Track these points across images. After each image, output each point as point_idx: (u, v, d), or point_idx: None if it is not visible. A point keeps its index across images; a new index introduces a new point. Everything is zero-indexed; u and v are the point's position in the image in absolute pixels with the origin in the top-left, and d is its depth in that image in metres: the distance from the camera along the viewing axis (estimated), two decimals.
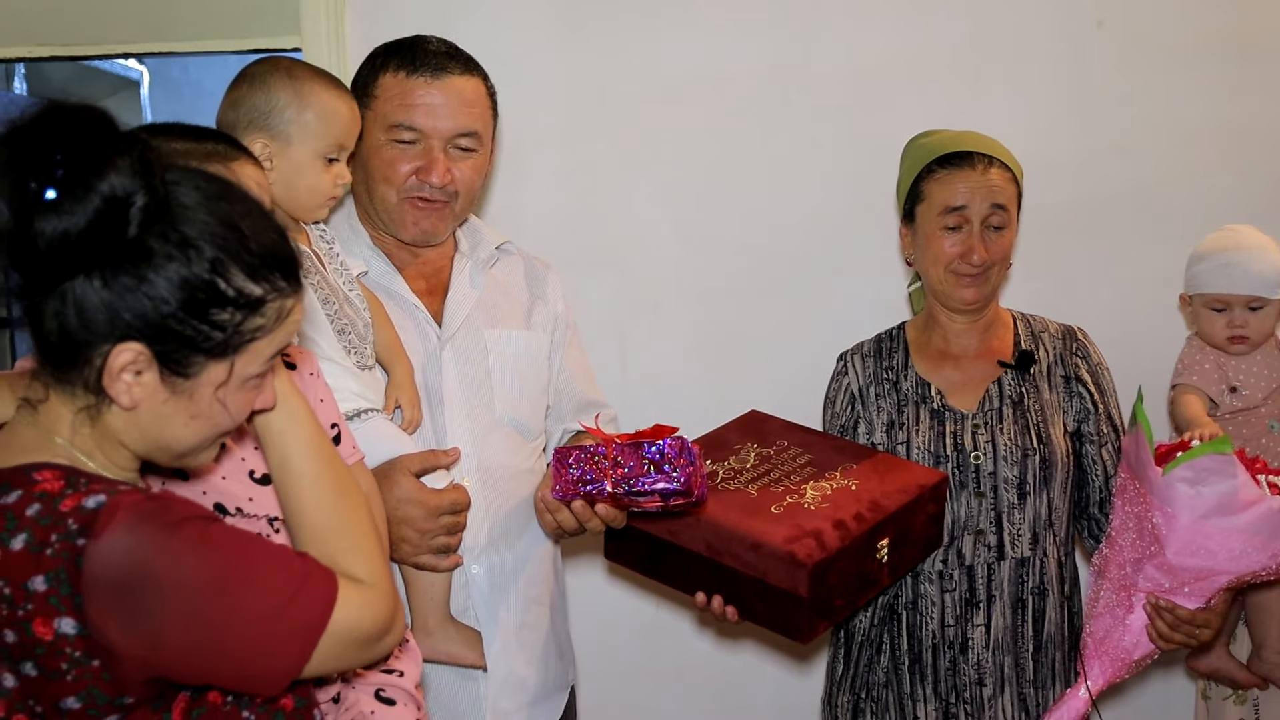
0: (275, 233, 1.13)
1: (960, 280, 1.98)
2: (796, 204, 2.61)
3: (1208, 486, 1.68)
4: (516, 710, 1.84)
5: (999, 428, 1.97)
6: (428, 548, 1.68)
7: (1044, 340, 2.06)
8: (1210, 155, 2.54)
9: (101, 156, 1.02)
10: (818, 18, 2.55)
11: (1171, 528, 1.72)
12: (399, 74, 1.77)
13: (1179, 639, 1.81)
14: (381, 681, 1.41)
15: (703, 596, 1.78)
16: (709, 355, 2.66)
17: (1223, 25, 2.51)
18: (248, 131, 1.60)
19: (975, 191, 1.94)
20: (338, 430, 1.51)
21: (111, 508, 1.04)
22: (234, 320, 1.09)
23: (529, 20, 2.57)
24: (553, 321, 1.97)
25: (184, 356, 1.08)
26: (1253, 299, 2.13)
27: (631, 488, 1.64)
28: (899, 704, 1.98)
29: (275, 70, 1.63)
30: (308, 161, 1.62)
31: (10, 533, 1.04)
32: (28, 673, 1.05)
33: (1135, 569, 1.80)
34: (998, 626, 1.95)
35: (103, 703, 1.06)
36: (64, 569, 1.02)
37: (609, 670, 2.66)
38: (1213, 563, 1.73)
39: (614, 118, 2.60)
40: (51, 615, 1.03)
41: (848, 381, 2.09)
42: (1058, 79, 2.54)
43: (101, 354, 1.06)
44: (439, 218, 1.81)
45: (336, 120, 1.64)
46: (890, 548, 1.80)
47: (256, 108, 1.61)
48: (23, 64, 3.83)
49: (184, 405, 1.11)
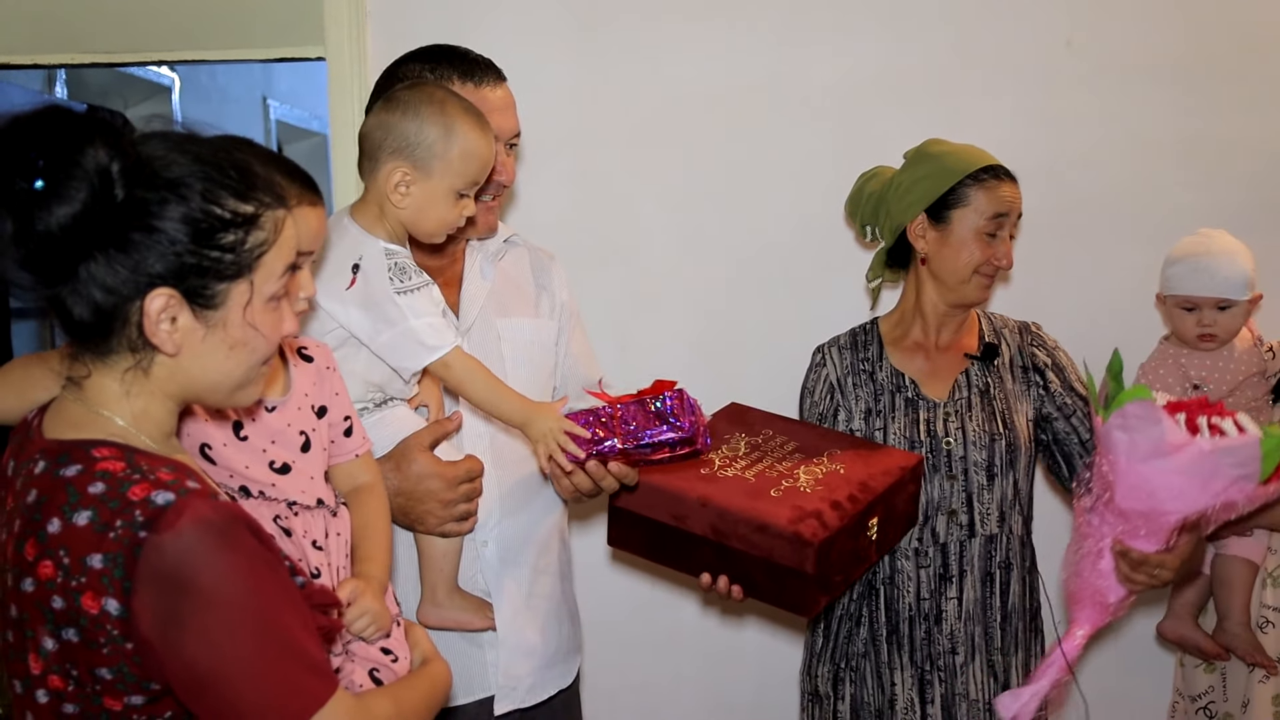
0: (244, 158, 1.15)
1: (984, 281, 2.05)
2: (788, 208, 2.65)
3: (1138, 432, 1.69)
4: (528, 674, 1.86)
5: (968, 415, 2.04)
6: (450, 516, 1.70)
7: (1005, 335, 2.13)
8: (1173, 167, 2.57)
9: (72, 139, 1.04)
10: (810, 35, 2.60)
11: (1116, 473, 1.74)
12: (466, 84, 1.78)
13: (1141, 579, 1.82)
14: (377, 661, 1.40)
15: (708, 577, 1.80)
16: (704, 349, 2.69)
17: (1184, 46, 2.54)
18: (392, 157, 1.61)
19: (1013, 203, 2.04)
20: (350, 422, 1.52)
21: (179, 509, 1.05)
22: (239, 239, 1.11)
23: (541, 31, 2.61)
24: (558, 309, 2.00)
25: (207, 287, 1.10)
26: (1220, 300, 2.17)
27: (640, 441, 1.66)
28: (877, 673, 2.04)
29: (430, 101, 1.61)
30: (443, 195, 1.62)
31: (74, 507, 1.06)
32: (69, 638, 1.07)
33: (1099, 517, 1.82)
34: (969, 599, 2.01)
35: (131, 681, 1.08)
36: (122, 554, 1.04)
37: (607, 641, 2.68)
38: (1156, 504, 1.73)
39: (619, 126, 2.64)
40: (101, 594, 1.04)
41: (826, 372, 2.14)
42: (1030, 95, 2.57)
43: (136, 310, 1.08)
44: (495, 214, 1.88)
45: (478, 160, 1.63)
46: (879, 526, 1.85)
47: (406, 136, 1.59)
48: (63, 70, 3.87)
49: (221, 337, 1.13)
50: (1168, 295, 2.25)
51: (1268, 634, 2.12)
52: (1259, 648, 2.10)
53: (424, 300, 1.63)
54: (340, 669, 1.38)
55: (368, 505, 1.52)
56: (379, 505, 1.53)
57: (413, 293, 1.61)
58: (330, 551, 1.42)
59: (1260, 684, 2.11)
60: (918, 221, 2.06)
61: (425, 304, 1.62)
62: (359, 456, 1.54)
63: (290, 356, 1.46)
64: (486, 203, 1.84)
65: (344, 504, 1.50)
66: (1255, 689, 2.11)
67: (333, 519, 1.45)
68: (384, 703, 1.26)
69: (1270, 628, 2.12)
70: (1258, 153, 2.53)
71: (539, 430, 1.64)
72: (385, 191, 1.63)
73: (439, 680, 1.41)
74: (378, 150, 1.62)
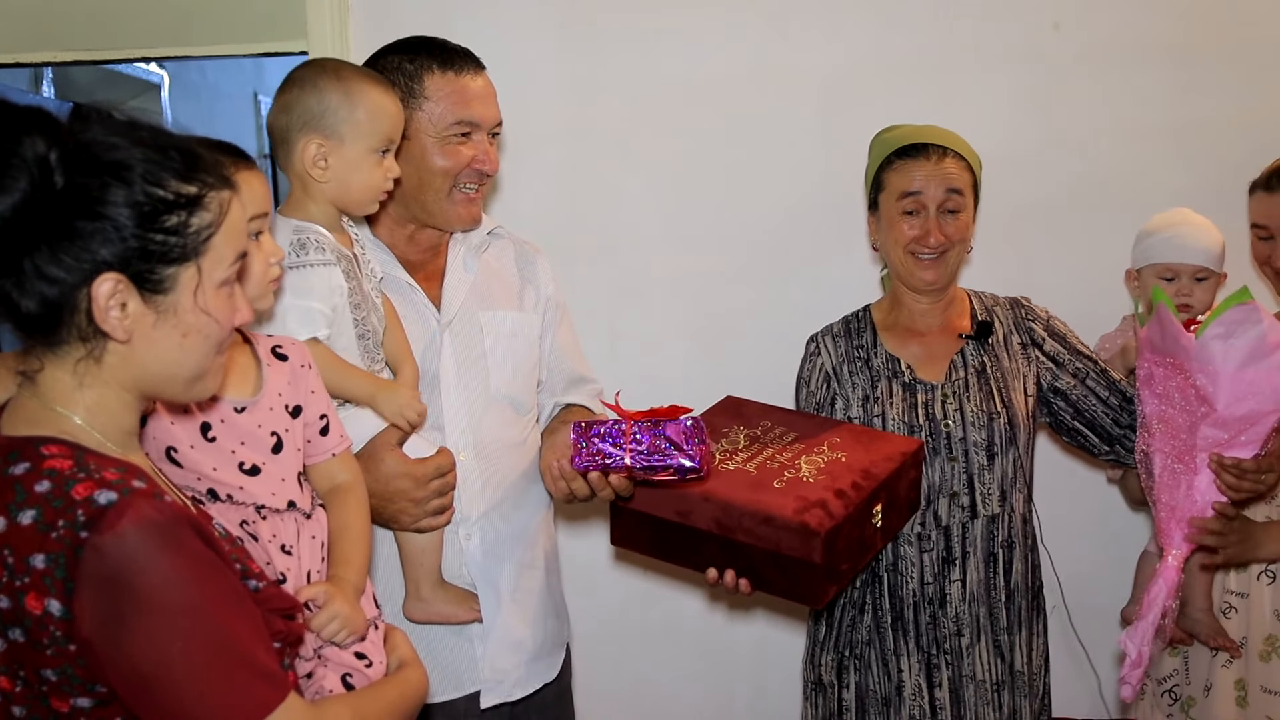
0: (184, 140, 1.12)
1: (920, 263, 2.00)
2: (776, 199, 2.61)
3: (1238, 337, 1.76)
4: (514, 668, 1.84)
5: (965, 395, 1.99)
6: (424, 513, 1.67)
7: (997, 313, 2.09)
8: (1162, 150, 2.53)
9: (8, 131, 1.02)
10: (796, 23, 2.55)
11: (1217, 384, 1.79)
12: (447, 73, 1.75)
13: (1248, 487, 1.85)
14: (350, 666, 1.37)
15: (714, 572, 1.76)
16: (693, 340, 2.65)
17: (1171, 30, 2.51)
18: (302, 134, 1.58)
19: (930, 179, 1.97)
20: (326, 420, 1.48)
21: (121, 509, 1.02)
22: (183, 221, 1.08)
23: (525, 24, 2.56)
24: (543, 303, 1.96)
25: (154, 271, 1.07)
26: (1199, 270, 2.14)
27: (649, 463, 1.65)
28: (882, 659, 1.99)
29: (323, 72, 1.60)
30: (362, 158, 1.59)
31: (19, 506, 1.03)
32: (15, 639, 1.04)
33: (1191, 434, 1.85)
34: (973, 580, 1.97)
35: (77, 683, 1.04)
36: (64, 555, 1.01)
37: (601, 632, 2.66)
38: (1261, 405, 1.79)
39: (605, 117, 2.60)
40: (44, 594, 1.02)
41: (821, 361, 2.09)
42: (1019, 78, 2.54)
43: (84, 297, 1.05)
44: (479, 205, 1.83)
45: (385, 116, 1.61)
46: (883, 512, 1.81)
47: (309, 110, 1.58)
48: (50, 68, 3.80)
49: (172, 324, 1.10)
50: (1145, 266, 2.21)
51: (1230, 619, 2.09)
52: (1221, 631, 2.08)
53: (314, 279, 1.57)
54: (312, 673, 1.35)
55: (345, 506, 1.47)
56: (357, 505, 1.48)
57: (303, 269, 1.57)
58: (301, 556, 1.38)
59: (1223, 668, 2.09)
60: (869, 214, 2.09)
61: (312, 284, 1.57)
62: (336, 455, 1.49)
63: (264, 356, 1.41)
64: (470, 194, 1.80)
65: (321, 506, 1.45)
66: (1218, 673, 2.09)
67: (306, 521, 1.40)
68: (341, 711, 1.21)
69: (1233, 612, 2.09)
70: (1247, 136, 2.49)
71: (389, 408, 1.62)
72: (305, 170, 1.60)
73: (410, 687, 1.36)
74: (287, 133, 1.59)
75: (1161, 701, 2.20)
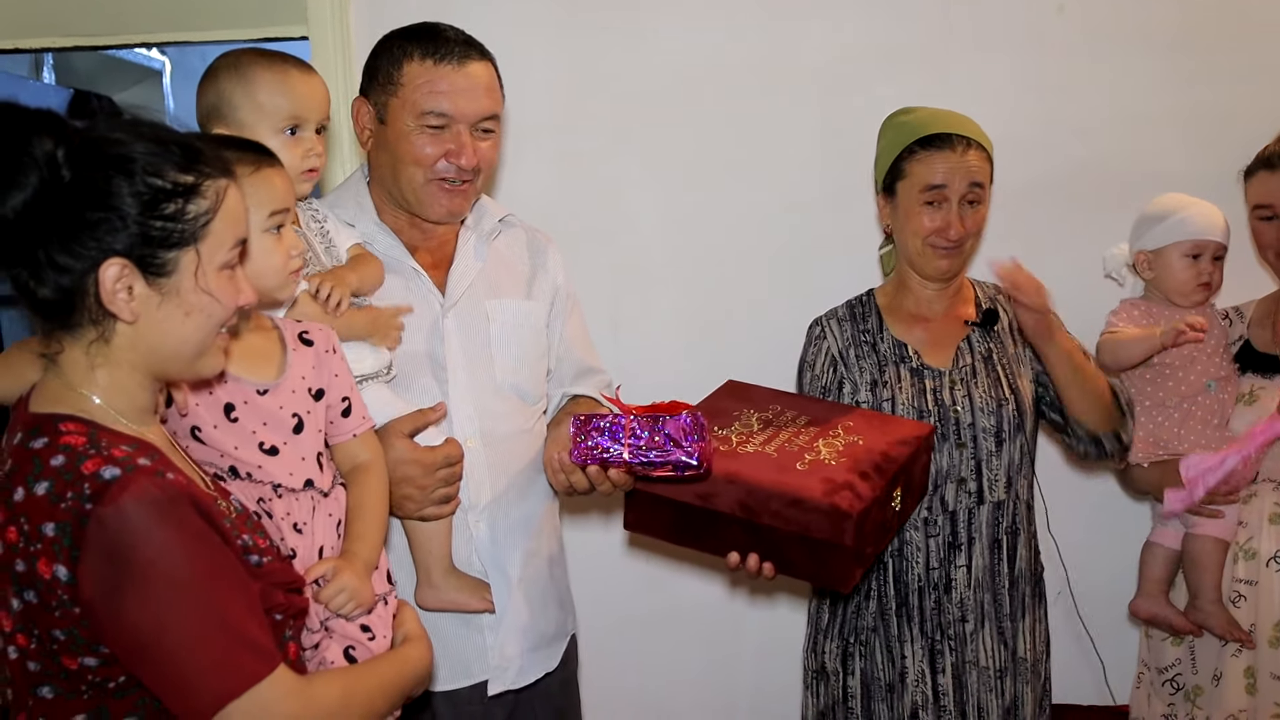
0: (186, 136, 1.19)
1: (937, 253, 1.96)
2: (776, 186, 2.57)
3: None
4: (519, 655, 1.82)
5: (973, 382, 1.96)
6: (429, 500, 1.66)
7: (1001, 301, 2.05)
8: (1162, 136, 2.50)
9: (19, 132, 1.08)
10: (799, 9, 2.51)
11: None
12: (425, 62, 1.71)
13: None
14: (354, 638, 1.40)
15: (735, 556, 1.71)
16: (694, 327, 2.63)
17: (1176, 12, 2.47)
18: (209, 127, 1.58)
19: (955, 171, 1.92)
20: (348, 402, 1.51)
21: (123, 484, 1.09)
22: (183, 209, 1.14)
23: (527, 12, 2.53)
24: (553, 292, 1.93)
25: (156, 255, 1.13)
26: (1220, 247, 2.12)
27: (647, 459, 1.61)
28: (886, 646, 1.97)
29: (223, 63, 1.60)
30: (268, 139, 1.54)
31: (35, 477, 1.10)
32: (29, 600, 1.11)
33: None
34: (978, 566, 1.94)
35: (82, 643, 1.11)
36: (70, 524, 1.08)
37: (607, 621, 2.64)
38: None
39: (607, 105, 2.57)
40: (53, 560, 1.09)
41: (827, 345, 2.05)
42: (1022, 62, 2.50)
43: (93, 281, 1.12)
44: (464, 198, 1.78)
45: (284, 94, 1.58)
46: (901, 496, 1.78)
47: (209, 103, 1.59)
48: (51, 55, 3.75)
49: (175, 304, 1.16)
50: (1166, 246, 2.15)
51: (1240, 608, 2.07)
52: (1235, 624, 2.06)
53: None
54: (319, 644, 1.39)
55: (364, 485, 1.51)
56: (376, 484, 1.52)
57: None
58: (315, 533, 1.42)
59: (1233, 657, 2.07)
60: (880, 195, 2.03)
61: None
62: (358, 436, 1.53)
63: (290, 341, 1.45)
64: (449, 186, 1.75)
65: (342, 485, 1.49)
66: (1228, 662, 2.07)
67: (324, 499, 1.44)
68: (331, 686, 1.25)
69: (1243, 601, 2.07)
70: (1250, 121, 2.44)
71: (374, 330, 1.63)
72: None
73: (409, 663, 1.40)
74: (203, 128, 1.59)
75: (1162, 691, 2.18)
